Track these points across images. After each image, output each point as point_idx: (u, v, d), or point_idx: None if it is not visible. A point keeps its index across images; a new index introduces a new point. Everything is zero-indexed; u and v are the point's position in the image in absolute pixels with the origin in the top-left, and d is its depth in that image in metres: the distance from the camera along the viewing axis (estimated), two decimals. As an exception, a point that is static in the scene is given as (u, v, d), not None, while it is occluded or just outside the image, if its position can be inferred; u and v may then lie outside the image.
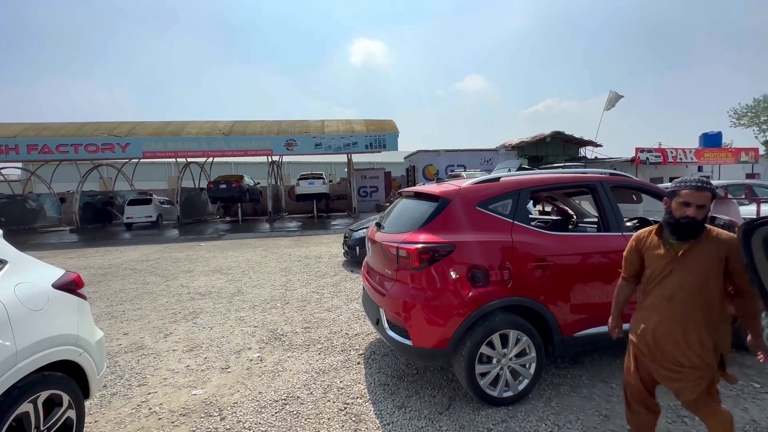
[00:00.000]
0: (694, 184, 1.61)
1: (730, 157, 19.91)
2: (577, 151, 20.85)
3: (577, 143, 20.57)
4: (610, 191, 2.93)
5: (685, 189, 1.61)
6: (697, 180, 1.62)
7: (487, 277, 2.46)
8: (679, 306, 1.66)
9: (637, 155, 18.36)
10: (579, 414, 2.44)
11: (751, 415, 2.38)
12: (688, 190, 1.60)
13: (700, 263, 1.63)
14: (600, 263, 2.69)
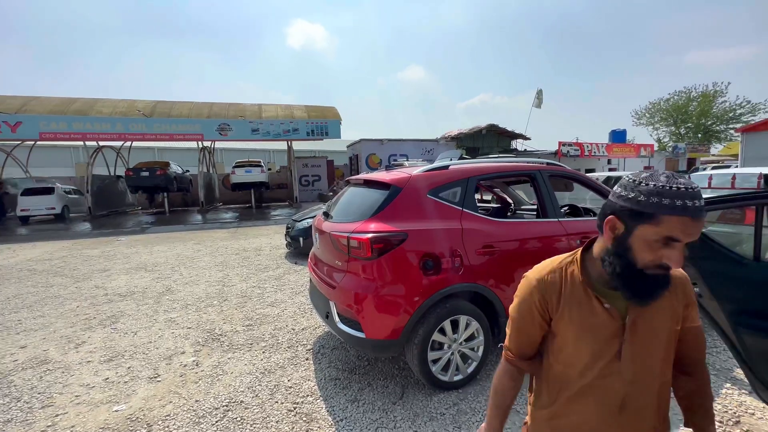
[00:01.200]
0: (691, 202, 0.73)
1: (633, 151, 22.85)
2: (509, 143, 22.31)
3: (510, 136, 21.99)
4: (548, 180, 3.11)
5: (675, 212, 0.73)
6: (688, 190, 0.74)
7: (439, 265, 2.46)
8: (636, 422, 0.91)
9: (560, 148, 20.22)
10: (523, 391, 2.58)
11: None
12: (683, 217, 0.73)
13: (660, 335, 0.90)
14: (539, 247, 2.84)
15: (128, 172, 15.09)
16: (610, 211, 0.86)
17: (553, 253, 2.86)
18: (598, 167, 21.84)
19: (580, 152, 20.52)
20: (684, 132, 30.41)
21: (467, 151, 20.14)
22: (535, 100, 19.85)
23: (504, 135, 21.70)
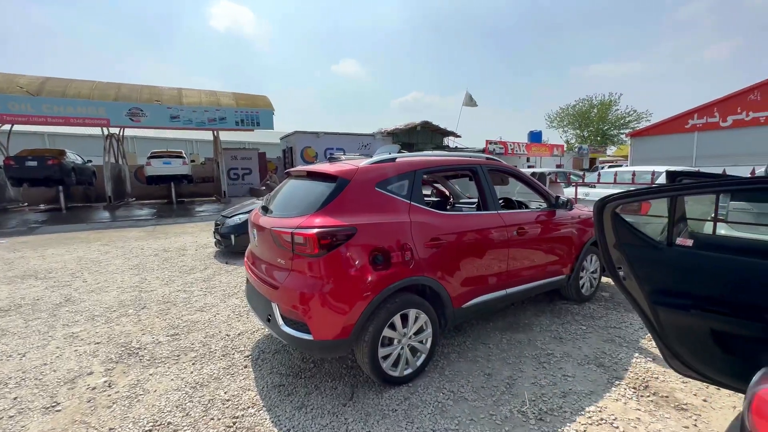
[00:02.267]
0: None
1: (547, 151, 25.45)
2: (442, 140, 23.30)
3: (442, 133, 22.95)
4: (488, 174, 3.24)
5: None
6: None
7: (389, 259, 2.41)
8: None
9: (487, 146, 21.69)
10: (468, 377, 2.67)
11: (583, 351, 3.02)
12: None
13: None
14: (481, 238, 2.95)
15: (8, 161, 12.51)
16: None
17: (494, 244, 3.02)
18: (519, 164, 23.91)
19: (504, 150, 22.21)
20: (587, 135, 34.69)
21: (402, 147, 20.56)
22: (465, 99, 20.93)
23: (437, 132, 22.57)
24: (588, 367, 2.79)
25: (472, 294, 2.89)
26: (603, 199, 1.91)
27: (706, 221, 4.01)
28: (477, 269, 2.90)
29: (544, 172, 8.71)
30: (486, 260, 2.95)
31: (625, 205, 1.89)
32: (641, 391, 2.48)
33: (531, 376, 2.66)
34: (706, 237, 2.78)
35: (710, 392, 2.46)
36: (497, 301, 3.12)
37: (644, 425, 2.16)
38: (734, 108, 18.48)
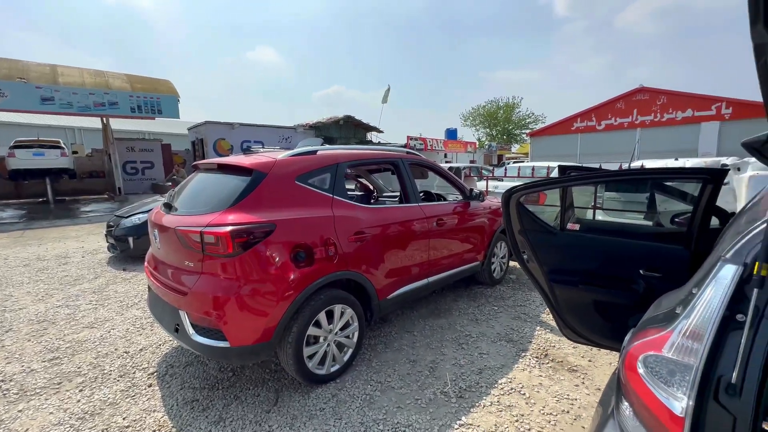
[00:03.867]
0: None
1: (462, 148, 27.37)
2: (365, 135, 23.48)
3: (365, 128, 23.11)
4: (409, 168, 3.33)
5: None
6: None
7: (312, 256, 2.33)
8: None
9: (408, 142, 22.49)
10: (395, 366, 2.73)
11: (495, 329, 3.31)
12: None
13: None
14: (404, 230, 3.03)
15: None
16: None
17: (415, 235, 3.12)
18: (438, 160, 25.31)
19: (424, 146, 23.26)
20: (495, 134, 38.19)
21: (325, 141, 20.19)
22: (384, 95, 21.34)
23: (360, 127, 22.65)
24: (500, 343, 3.07)
25: (397, 285, 2.96)
26: (509, 190, 2.09)
27: (588, 209, 4.70)
28: (400, 261, 2.97)
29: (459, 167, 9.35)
30: (409, 251, 3.04)
31: (527, 195, 2.10)
32: (542, 360, 2.82)
33: (452, 358, 2.84)
34: (588, 222, 3.26)
35: (594, 354, 2.89)
36: (420, 290, 3.25)
37: (545, 388, 2.46)
38: (606, 114, 22.05)
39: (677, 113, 19.21)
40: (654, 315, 1.08)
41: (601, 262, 2.06)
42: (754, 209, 1.16)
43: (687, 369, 0.84)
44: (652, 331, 0.97)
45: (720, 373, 0.82)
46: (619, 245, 2.06)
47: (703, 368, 0.82)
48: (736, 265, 0.88)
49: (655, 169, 2.41)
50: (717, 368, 0.83)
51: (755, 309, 0.80)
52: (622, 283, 1.98)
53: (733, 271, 0.87)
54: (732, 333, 0.83)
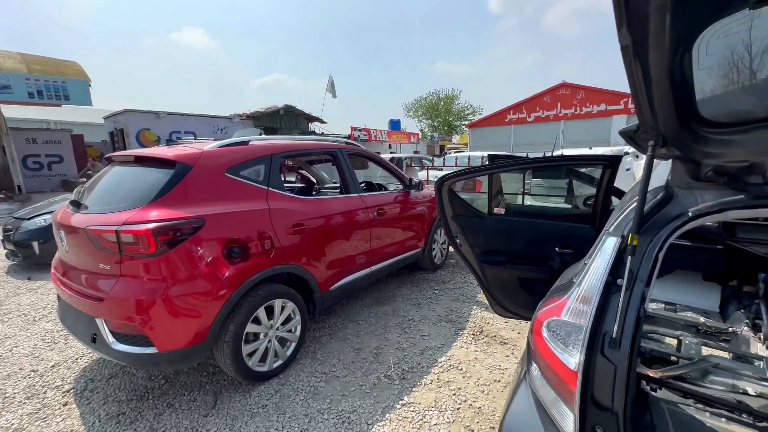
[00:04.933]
0: None
1: (405, 138, 27.86)
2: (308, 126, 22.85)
3: (307, 118, 22.46)
4: (347, 158, 3.32)
5: None
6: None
7: (247, 250, 2.24)
8: None
9: (352, 133, 22.35)
10: (339, 356, 2.76)
11: (436, 312, 3.48)
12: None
13: None
14: (345, 221, 3.03)
15: None
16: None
17: (356, 225, 3.14)
18: (382, 150, 25.52)
19: (368, 137, 23.29)
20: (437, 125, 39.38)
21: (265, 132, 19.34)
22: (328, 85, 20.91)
23: (302, 117, 21.98)
24: (440, 324, 3.23)
25: (339, 276, 2.97)
26: (441, 178, 2.19)
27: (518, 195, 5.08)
28: (342, 251, 2.98)
29: (401, 158, 9.53)
30: (350, 242, 3.05)
31: (464, 183, 2.22)
32: (478, 336, 3.03)
33: (395, 342, 2.93)
34: (517, 206, 3.53)
35: (522, 327, 3.17)
36: (364, 280, 3.29)
37: (480, 362, 2.65)
38: (535, 107, 23.82)
39: (593, 107, 21.38)
40: (558, 285, 1.22)
41: (524, 243, 2.25)
42: (633, 190, 1.35)
43: (579, 329, 0.96)
44: (554, 300, 1.09)
45: (605, 330, 0.96)
46: (539, 227, 2.27)
47: (591, 327, 0.95)
48: (616, 237, 1.02)
49: (562, 157, 2.68)
50: (602, 326, 0.97)
51: (630, 273, 0.94)
52: (542, 260, 2.18)
53: (613, 242, 1.02)
54: (613, 295, 0.97)
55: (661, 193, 1.06)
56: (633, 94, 0.85)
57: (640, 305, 0.94)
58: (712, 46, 0.76)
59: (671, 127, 0.88)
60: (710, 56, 0.77)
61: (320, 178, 4.96)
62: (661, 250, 0.97)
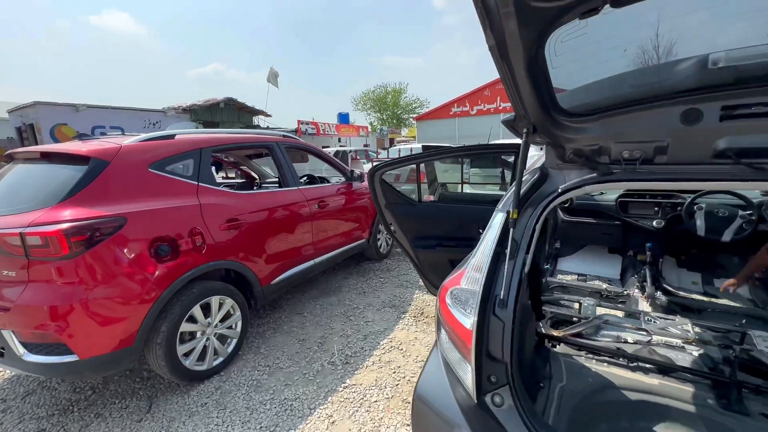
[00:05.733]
0: None
1: (355, 132, 27.79)
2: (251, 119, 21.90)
3: (251, 112, 21.51)
4: (285, 151, 3.30)
5: None
6: None
7: (177, 248, 2.17)
8: None
9: (299, 127, 21.82)
10: (283, 348, 2.78)
11: (381, 298, 3.61)
12: None
13: None
14: (284, 215, 3.03)
15: None
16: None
17: (297, 218, 3.15)
18: (332, 144, 25.24)
19: (316, 131, 22.90)
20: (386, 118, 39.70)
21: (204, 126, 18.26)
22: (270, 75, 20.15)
23: (244, 110, 21.02)
24: (384, 310, 3.36)
25: (281, 269, 2.96)
26: (372, 168, 2.28)
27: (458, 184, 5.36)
28: (282, 245, 2.97)
29: (346, 150, 9.55)
30: (291, 235, 3.06)
31: (408, 174, 2.33)
32: (419, 318, 3.20)
33: (340, 330, 3.01)
34: (454, 194, 3.75)
35: (459, 305, 3.40)
36: (307, 272, 3.32)
37: (419, 341, 2.82)
38: (477, 100, 24.92)
39: (529, 100, 22.85)
40: (464, 259, 1.37)
41: (452, 226, 2.43)
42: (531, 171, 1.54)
43: (474, 294, 1.11)
44: (458, 271, 1.23)
45: (496, 293, 1.11)
46: (464, 211, 2.45)
47: (483, 291, 1.09)
48: (503, 213, 1.18)
49: (481, 146, 2.89)
50: (494, 290, 1.12)
51: (513, 242, 1.10)
52: (467, 242, 2.37)
53: (500, 218, 1.17)
54: (501, 263, 1.13)
55: (537, 174, 1.24)
56: (505, 88, 0.99)
57: (522, 269, 1.11)
58: (560, 48, 0.91)
59: (537, 117, 1.04)
60: (559, 56, 0.92)
61: (262, 173, 4.85)
62: (538, 222, 1.14)
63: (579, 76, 1.02)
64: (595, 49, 0.94)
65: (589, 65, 1.02)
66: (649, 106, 0.96)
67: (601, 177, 1.10)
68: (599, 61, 0.99)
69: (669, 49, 0.95)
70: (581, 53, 0.93)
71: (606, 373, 1.57)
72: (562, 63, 0.97)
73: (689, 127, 0.93)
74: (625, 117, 1.00)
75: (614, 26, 0.89)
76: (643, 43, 0.97)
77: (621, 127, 1.01)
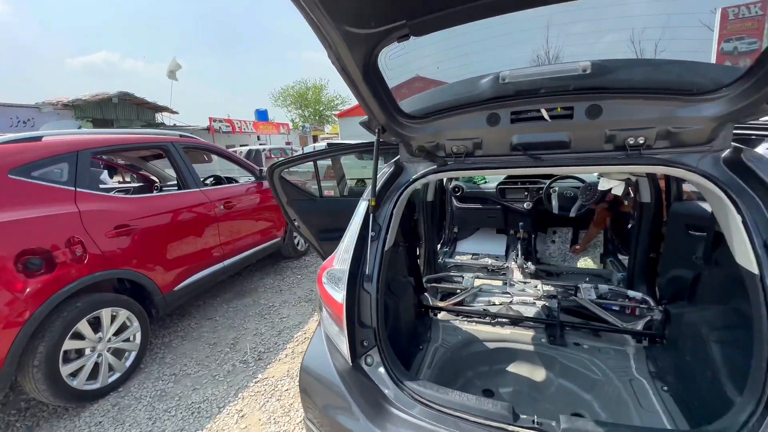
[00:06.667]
0: None
1: (275, 129, 26.77)
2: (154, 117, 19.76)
3: (153, 108, 19.39)
4: (183, 152, 3.16)
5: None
6: None
7: (52, 261, 2.00)
8: None
9: (212, 124, 20.30)
10: (192, 354, 2.70)
11: (297, 294, 3.67)
12: None
13: None
14: (185, 218, 2.92)
15: None
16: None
17: (200, 221, 3.06)
18: (251, 142, 23.99)
19: (231, 129, 21.55)
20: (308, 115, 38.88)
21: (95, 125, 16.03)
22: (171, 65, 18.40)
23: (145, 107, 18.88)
24: (300, 305, 3.44)
25: (184, 275, 2.86)
26: (271, 166, 2.35)
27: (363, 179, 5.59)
28: (184, 249, 2.87)
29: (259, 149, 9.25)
30: (193, 238, 2.96)
31: (326, 171, 2.42)
32: (333, 308, 3.35)
33: (253, 330, 3.02)
34: (359, 189, 3.96)
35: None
36: (217, 275, 3.24)
37: (332, 330, 2.97)
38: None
39: (443, 98, 24.37)
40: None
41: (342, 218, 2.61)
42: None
43: (343, 272, 1.28)
44: (333, 255, 1.40)
45: (363, 270, 1.30)
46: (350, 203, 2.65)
47: (351, 269, 1.27)
48: (366, 201, 1.37)
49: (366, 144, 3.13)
50: (363, 267, 1.31)
51: (375, 225, 1.30)
52: None
53: (364, 205, 1.37)
54: (368, 244, 1.32)
55: (393, 167, 1.46)
56: (354, 96, 1.16)
57: (383, 248, 1.31)
58: (392, 63, 1.12)
59: (383, 120, 1.24)
60: (391, 70, 1.13)
61: (164, 176, 4.52)
62: (395, 207, 1.36)
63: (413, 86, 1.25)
64: (421, 64, 1.17)
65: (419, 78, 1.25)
66: (466, 110, 1.23)
67: (439, 168, 1.36)
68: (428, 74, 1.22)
69: (477, 66, 1.23)
70: (413, 67, 1.16)
71: (474, 331, 1.89)
72: (400, 75, 1.19)
73: (492, 127, 1.21)
74: (450, 119, 1.25)
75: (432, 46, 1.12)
76: (460, 60, 1.23)
77: (448, 127, 1.27)
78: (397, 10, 0.90)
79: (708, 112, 0.99)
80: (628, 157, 1.13)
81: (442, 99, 1.29)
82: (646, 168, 1.22)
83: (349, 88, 1.12)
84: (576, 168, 1.27)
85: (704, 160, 1.07)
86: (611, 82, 1.08)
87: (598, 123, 1.12)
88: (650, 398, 1.38)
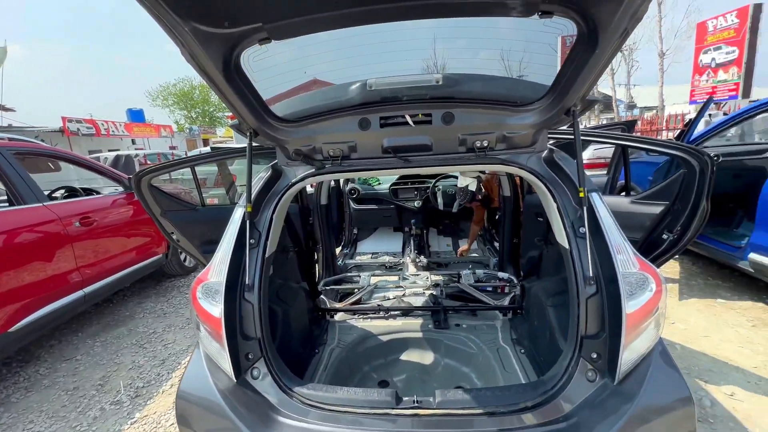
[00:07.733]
0: None
1: (154, 131, 23.48)
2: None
3: (-26, 104, 15.15)
4: (14, 159, 2.55)
5: None
6: None
7: None
8: None
9: (66, 125, 16.78)
10: (42, 405, 2.21)
11: (185, 316, 3.30)
12: None
13: None
14: (22, 240, 2.37)
15: None
16: None
17: (45, 241, 2.52)
18: (123, 147, 20.61)
19: (95, 131, 18.20)
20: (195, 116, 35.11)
21: None
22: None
23: (-39, 102, 14.67)
24: (188, 328, 3.09)
25: (23, 311, 2.32)
26: (137, 174, 2.06)
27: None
28: (21, 278, 2.32)
29: (131, 155, 8.04)
30: (36, 264, 2.42)
31: (217, 177, 2.15)
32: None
33: (129, 363, 2.61)
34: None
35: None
36: (74, 306, 2.70)
37: (228, 348, 2.75)
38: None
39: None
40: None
41: None
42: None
43: (220, 284, 1.20)
44: (208, 267, 1.30)
45: (243, 280, 1.24)
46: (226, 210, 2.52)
47: (228, 280, 1.20)
48: (242, 207, 1.32)
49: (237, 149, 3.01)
50: (243, 277, 1.24)
51: (254, 232, 1.26)
52: None
53: (240, 212, 1.31)
54: (244, 251, 1.26)
55: (270, 171, 1.44)
56: (220, 99, 1.11)
57: (263, 255, 1.27)
58: (258, 65, 1.09)
59: (254, 123, 1.21)
60: (257, 72, 1.10)
61: None
62: (274, 212, 1.34)
63: (284, 88, 1.24)
64: (290, 67, 1.17)
65: (291, 80, 1.25)
66: (339, 115, 1.27)
67: (318, 171, 1.38)
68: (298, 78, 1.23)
69: (347, 72, 1.28)
70: (280, 69, 1.15)
71: (369, 327, 1.97)
72: (268, 76, 1.16)
73: (364, 131, 1.28)
74: (325, 123, 1.29)
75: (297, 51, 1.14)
76: (328, 66, 1.27)
77: (323, 131, 1.30)
78: (252, 12, 0.89)
79: (528, 120, 1.22)
80: (477, 158, 1.32)
81: (316, 103, 1.31)
82: (492, 167, 1.44)
83: (212, 89, 1.05)
84: (440, 168, 1.42)
85: (531, 159, 1.31)
86: (458, 93, 1.25)
87: (453, 128, 1.28)
88: (511, 361, 1.62)
